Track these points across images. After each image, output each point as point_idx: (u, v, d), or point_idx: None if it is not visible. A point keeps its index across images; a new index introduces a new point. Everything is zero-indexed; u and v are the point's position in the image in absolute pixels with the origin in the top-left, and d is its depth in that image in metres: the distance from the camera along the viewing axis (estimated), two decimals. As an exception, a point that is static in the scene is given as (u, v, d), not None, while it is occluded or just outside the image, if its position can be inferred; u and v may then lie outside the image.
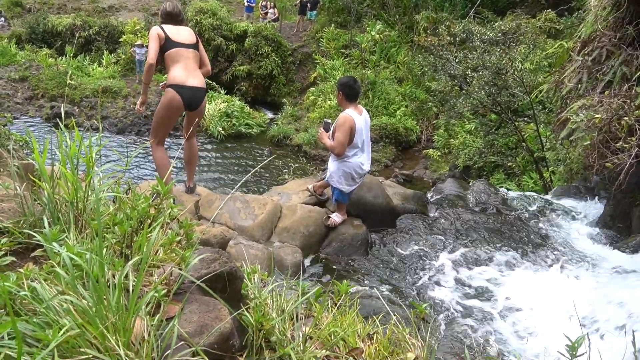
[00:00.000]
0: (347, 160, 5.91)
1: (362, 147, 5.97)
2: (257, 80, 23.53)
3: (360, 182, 6.18)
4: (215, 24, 23.42)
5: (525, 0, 22.70)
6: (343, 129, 5.71)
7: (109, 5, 29.51)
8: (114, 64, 22.51)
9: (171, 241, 2.46)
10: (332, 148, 5.82)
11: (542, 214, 7.24)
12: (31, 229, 2.37)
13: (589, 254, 6.07)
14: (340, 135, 5.71)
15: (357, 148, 5.91)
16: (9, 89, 20.01)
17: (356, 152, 5.93)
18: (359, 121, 5.82)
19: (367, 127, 6.04)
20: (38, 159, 2.56)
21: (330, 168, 6.08)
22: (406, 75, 20.85)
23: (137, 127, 19.04)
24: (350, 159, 5.91)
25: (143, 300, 1.92)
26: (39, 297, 1.84)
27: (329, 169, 6.15)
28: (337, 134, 5.73)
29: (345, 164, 5.91)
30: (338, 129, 5.75)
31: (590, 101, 6.67)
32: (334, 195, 6.25)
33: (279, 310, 2.53)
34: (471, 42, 11.61)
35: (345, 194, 6.12)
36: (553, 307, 4.74)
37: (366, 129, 6.02)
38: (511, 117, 11.12)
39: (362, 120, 5.90)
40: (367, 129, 6.06)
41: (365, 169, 6.08)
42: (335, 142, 5.75)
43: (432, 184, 13.60)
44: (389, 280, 5.55)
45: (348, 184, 6.02)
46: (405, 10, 23.47)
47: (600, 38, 7.57)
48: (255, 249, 5.47)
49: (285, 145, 18.78)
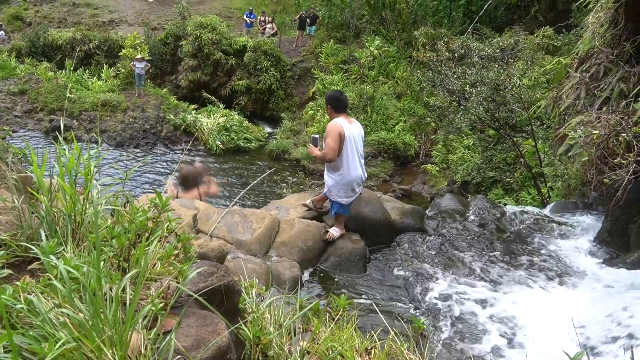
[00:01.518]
0: (344, 174, 5.96)
1: (357, 158, 6.04)
2: (256, 95, 23.61)
3: (359, 191, 6.20)
4: (215, 39, 23.53)
5: (523, 17, 22.84)
6: (332, 135, 5.79)
7: (109, 20, 29.65)
8: (113, 78, 22.55)
9: (169, 254, 2.46)
10: (324, 155, 5.87)
11: (540, 229, 7.24)
12: (28, 242, 2.37)
13: (587, 270, 6.06)
14: (330, 141, 5.78)
15: (352, 158, 5.97)
16: (8, 102, 20.04)
17: (352, 163, 5.98)
18: (348, 129, 5.90)
19: (359, 139, 6.11)
20: (36, 171, 2.56)
21: (328, 182, 6.09)
22: (405, 91, 20.92)
23: (136, 140, 19.07)
24: (348, 172, 5.96)
25: (140, 313, 1.92)
26: (35, 310, 1.83)
27: (326, 183, 6.16)
28: (327, 140, 5.82)
29: (344, 177, 5.95)
30: (327, 136, 5.84)
31: (588, 117, 6.68)
32: (333, 208, 6.25)
33: (276, 325, 2.52)
34: (469, 58, 11.65)
35: (345, 206, 6.13)
36: (551, 322, 4.72)
37: (359, 140, 6.09)
38: (509, 133, 11.13)
39: (353, 129, 5.98)
40: (360, 141, 6.13)
41: (364, 178, 6.19)
42: (327, 149, 5.82)
43: (431, 199, 13.60)
44: (387, 294, 5.54)
45: (347, 195, 6.06)
46: (404, 26, 23.59)
47: (597, 55, 7.61)
48: (253, 263, 5.46)
49: (284, 159, 18.80)
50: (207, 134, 19.58)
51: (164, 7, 31.97)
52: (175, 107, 21.10)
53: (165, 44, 25.27)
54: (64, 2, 31.48)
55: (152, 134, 19.55)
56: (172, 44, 25.24)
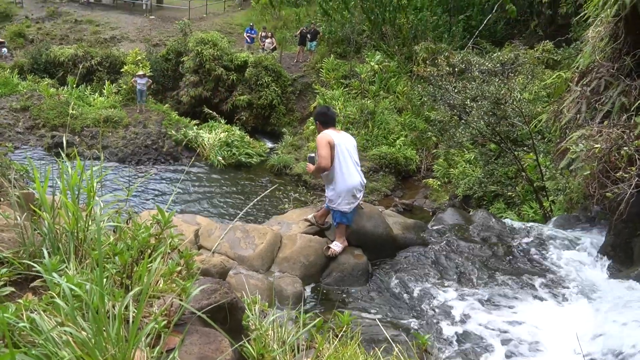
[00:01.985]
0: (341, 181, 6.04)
1: (353, 165, 6.17)
2: (257, 110, 23.65)
3: (360, 197, 6.24)
4: (216, 55, 23.62)
5: (523, 31, 22.94)
6: (322, 144, 5.96)
7: (111, 36, 29.79)
8: (115, 94, 22.62)
9: (171, 271, 2.45)
10: (318, 164, 5.98)
11: (543, 243, 7.21)
12: (31, 259, 2.36)
13: (590, 284, 6.02)
14: (321, 150, 5.93)
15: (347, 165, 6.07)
16: (10, 118, 20.10)
17: (348, 170, 6.08)
18: (337, 137, 6.08)
19: (352, 147, 6.27)
20: (39, 188, 2.55)
21: (329, 194, 6.17)
22: (405, 105, 20.98)
23: (138, 156, 19.10)
24: (345, 179, 6.05)
25: (143, 331, 1.90)
26: (38, 329, 1.82)
27: (327, 195, 6.23)
28: (318, 150, 5.97)
29: (342, 184, 6.03)
30: (318, 147, 6.00)
31: (589, 131, 6.69)
32: (335, 219, 6.25)
33: (279, 342, 2.51)
34: (470, 72, 11.69)
35: (348, 214, 6.14)
36: (555, 337, 4.69)
37: (351, 148, 6.23)
38: (510, 147, 11.14)
39: (342, 138, 6.16)
40: (353, 149, 6.28)
41: (363, 184, 6.30)
42: (319, 158, 5.95)
43: (432, 213, 13.58)
44: (390, 310, 5.51)
45: (349, 202, 6.10)
46: (404, 41, 23.70)
47: (598, 69, 7.63)
48: (255, 279, 5.44)
49: (285, 174, 18.81)
50: (208, 150, 19.61)
51: (165, 23, 32.15)
52: (177, 123, 21.15)
53: (166, 60, 25.38)
54: (66, 19, 31.65)
55: (153, 150, 19.58)
56: (173, 60, 25.34)
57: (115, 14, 33.34)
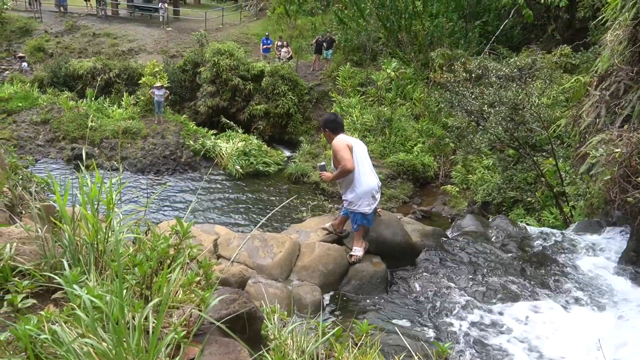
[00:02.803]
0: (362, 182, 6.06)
1: (369, 167, 6.23)
2: (274, 119, 23.73)
3: (378, 198, 6.27)
4: (233, 65, 23.74)
5: (540, 36, 22.81)
6: (341, 147, 5.97)
7: (129, 49, 30.05)
8: (133, 106, 22.81)
9: (190, 281, 2.46)
10: (343, 167, 5.93)
11: (564, 249, 7.14)
12: (52, 271, 2.38)
13: (612, 290, 5.95)
14: (342, 154, 5.92)
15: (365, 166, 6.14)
16: (31, 131, 20.37)
17: (366, 170, 6.14)
18: (352, 140, 6.21)
19: (365, 151, 6.34)
20: (59, 201, 2.58)
21: (349, 197, 6.16)
22: (422, 112, 20.93)
23: (156, 167, 19.24)
24: (365, 179, 6.08)
25: (163, 342, 1.91)
26: (59, 340, 1.84)
27: (346, 199, 6.22)
28: (339, 154, 5.95)
29: (362, 186, 6.05)
30: (337, 151, 5.98)
31: (609, 135, 6.64)
32: (356, 221, 6.24)
33: (299, 351, 2.50)
34: (487, 78, 11.64)
35: (368, 216, 6.14)
36: (577, 344, 4.64)
37: (365, 152, 6.31)
38: (529, 152, 11.06)
39: (356, 142, 6.27)
40: (367, 153, 6.35)
41: (380, 185, 6.34)
42: (343, 161, 5.92)
43: (451, 220, 13.51)
44: (409, 318, 5.48)
45: (369, 204, 6.11)
46: (421, 47, 23.66)
47: (617, 72, 7.57)
48: (274, 287, 5.44)
49: (303, 182, 18.83)
50: (226, 159, 19.71)
51: (182, 34, 32.40)
52: (195, 133, 21.29)
53: (183, 71, 25.56)
54: (85, 33, 31.99)
55: (172, 160, 19.72)
56: (190, 70, 25.51)
57: (132, 26, 33.66)
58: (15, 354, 1.86)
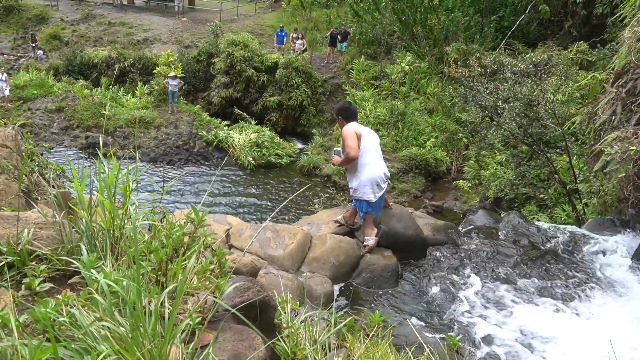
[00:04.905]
0: (366, 169, 6.10)
1: (378, 155, 6.26)
2: (287, 111, 23.75)
3: (385, 187, 6.25)
4: (247, 56, 23.75)
5: (556, 32, 22.62)
6: (349, 135, 6.02)
7: (144, 38, 30.12)
8: (147, 95, 22.91)
9: (205, 269, 2.48)
10: (347, 154, 6.02)
11: (576, 247, 7.11)
12: (69, 256, 2.41)
13: (625, 288, 5.93)
14: (349, 141, 5.99)
15: (372, 154, 6.16)
16: (45, 119, 20.53)
17: (372, 159, 6.16)
18: (362, 128, 6.21)
19: (376, 140, 6.38)
20: (77, 187, 2.61)
21: (353, 184, 6.21)
22: (436, 106, 20.86)
23: (169, 156, 19.33)
24: (370, 167, 6.11)
25: (179, 327, 1.94)
26: (77, 323, 1.87)
27: (351, 186, 6.27)
28: (346, 141, 6.01)
29: (367, 173, 6.09)
30: (345, 137, 6.04)
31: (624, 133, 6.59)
32: (362, 210, 6.27)
33: (311, 340, 2.52)
34: (502, 73, 11.58)
35: (374, 204, 6.15)
36: (588, 341, 4.63)
37: (375, 141, 6.34)
38: (543, 149, 11.01)
39: (367, 130, 6.29)
40: (377, 142, 6.38)
41: (388, 175, 6.34)
42: (347, 148, 5.99)
43: (463, 215, 13.47)
44: (420, 311, 5.49)
45: (374, 191, 6.14)
46: (436, 41, 23.55)
47: (634, 70, 7.51)
48: (285, 278, 5.46)
49: (315, 175, 18.85)
50: (238, 150, 19.76)
51: (197, 25, 32.42)
52: (208, 124, 21.35)
53: (198, 62, 25.60)
54: (100, 22, 32.11)
55: (184, 150, 19.81)
56: (204, 61, 25.54)
57: (147, 16, 33.73)
58: (34, 336, 1.89)
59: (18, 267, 2.38)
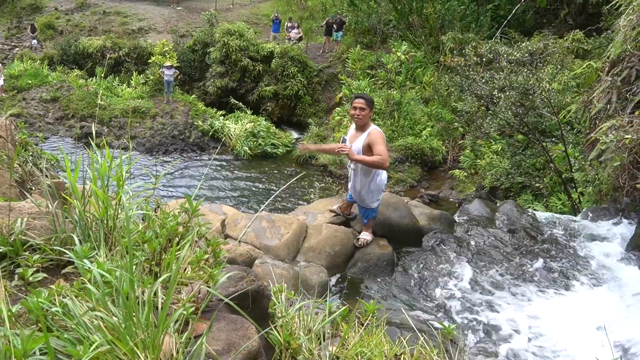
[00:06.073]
0: (382, 178, 6.01)
1: None
2: (283, 101, 23.72)
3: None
4: (242, 45, 23.68)
5: (552, 20, 22.57)
6: (382, 141, 5.69)
7: (139, 27, 29.99)
8: (142, 85, 22.83)
9: (199, 259, 2.47)
10: (382, 161, 5.60)
11: (571, 235, 7.14)
12: (62, 246, 2.40)
13: (619, 277, 5.96)
14: (383, 148, 5.62)
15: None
16: (40, 109, 20.43)
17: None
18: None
19: None
20: (70, 177, 2.60)
21: (361, 190, 6.02)
22: (432, 96, 20.81)
23: (165, 146, 19.28)
24: (382, 175, 6.02)
25: (172, 317, 1.94)
26: (70, 313, 1.86)
27: (357, 191, 6.08)
28: (380, 147, 5.62)
29: (377, 182, 5.98)
30: (379, 143, 5.66)
31: (620, 122, 6.60)
32: (366, 217, 6.24)
33: (305, 330, 2.52)
34: (498, 62, 11.56)
35: (375, 208, 6.14)
36: (583, 329, 4.65)
37: None
38: (539, 138, 11.02)
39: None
40: None
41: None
42: (384, 155, 5.59)
43: (459, 204, 13.49)
44: (415, 300, 5.51)
45: (377, 199, 6.12)
46: (431, 31, 23.47)
47: (629, 58, 7.50)
48: (280, 268, 5.47)
49: (311, 165, 18.84)
50: (234, 140, 19.72)
51: (192, 14, 32.29)
52: (203, 114, 21.30)
53: (193, 51, 25.51)
54: (95, 11, 31.96)
55: (180, 140, 19.76)
56: (200, 50, 25.46)
57: (142, 5, 33.57)
58: (26, 326, 1.89)
59: (11, 257, 2.37)
